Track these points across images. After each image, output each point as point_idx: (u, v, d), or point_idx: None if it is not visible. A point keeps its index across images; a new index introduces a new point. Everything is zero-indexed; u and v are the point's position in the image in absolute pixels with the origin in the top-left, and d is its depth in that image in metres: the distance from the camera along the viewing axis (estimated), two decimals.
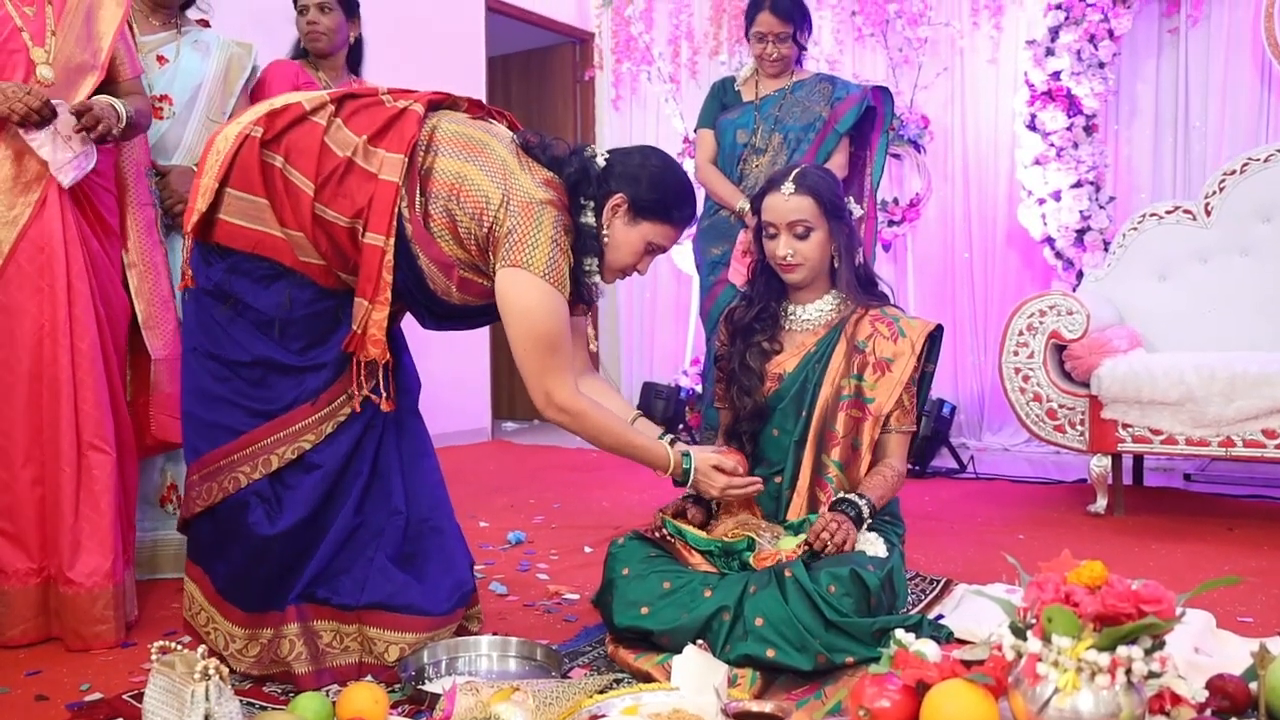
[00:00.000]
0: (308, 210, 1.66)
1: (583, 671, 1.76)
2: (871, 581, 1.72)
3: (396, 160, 1.66)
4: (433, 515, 1.85)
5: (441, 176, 1.69)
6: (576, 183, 1.75)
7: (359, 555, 1.76)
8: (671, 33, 5.19)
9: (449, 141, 1.72)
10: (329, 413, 1.74)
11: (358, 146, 1.68)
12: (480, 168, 1.69)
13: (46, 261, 1.95)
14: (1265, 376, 2.85)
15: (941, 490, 3.65)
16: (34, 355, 1.94)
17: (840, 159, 2.90)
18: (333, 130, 1.69)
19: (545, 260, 1.66)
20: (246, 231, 1.68)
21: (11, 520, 1.95)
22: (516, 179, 1.69)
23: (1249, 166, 3.48)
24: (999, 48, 4.40)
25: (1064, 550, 1.32)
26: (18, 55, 1.96)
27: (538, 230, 1.66)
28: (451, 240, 1.71)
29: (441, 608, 1.78)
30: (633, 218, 1.77)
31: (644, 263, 1.84)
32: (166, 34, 2.47)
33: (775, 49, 2.95)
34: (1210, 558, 2.59)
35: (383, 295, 1.66)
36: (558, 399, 1.73)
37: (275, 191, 1.67)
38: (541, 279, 1.66)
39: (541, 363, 1.71)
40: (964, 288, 4.57)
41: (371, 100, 1.75)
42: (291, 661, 1.70)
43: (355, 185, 1.67)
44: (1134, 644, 1.17)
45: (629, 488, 3.67)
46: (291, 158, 1.67)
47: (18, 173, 1.95)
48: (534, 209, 1.67)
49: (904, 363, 2.03)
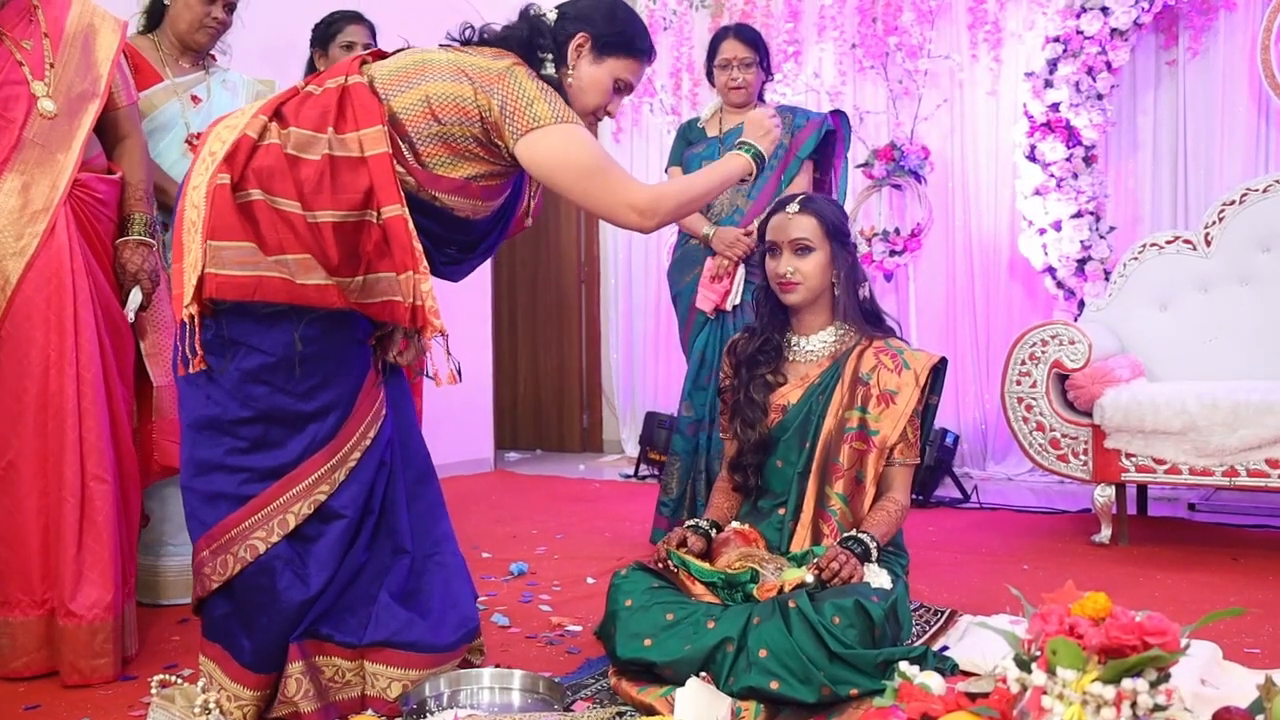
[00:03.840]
0: (304, 227, 1.60)
1: (585, 704, 1.75)
2: (876, 613, 1.71)
3: (376, 132, 1.61)
4: (437, 550, 1.84)
5: (408, 113, 1.65)
6: (528, 40, 1.74)
7: (364, 594, 1.73)
8: (673, 65, 5.24)
9: (393, 81, 1.68)
10: (341, 459, 1.69)
11: (329, 140, 1.61)
12: (435, 79, 1.67)
13: (54, 291, 1.97)
14: (1268, 405, 2.85)
15: (945, 520, 3.63)
16: (40, 385, 1.95)
17: (803, 181, 2.98)
18: (290, 140, 1.62)
19: (547, 108, 1.65)
20: (240, 280, 1.59)
21: (15, 551, 1.94)
22: (473, 64, 1.68)
23: (1248, 196, 3.50)
24: (998, 80, 4.44)
25: (1068, 581, 1.32)
26: (19, 89, 1.98)
27: (520, 89, 1.65)
28: (453, 161, 1.68)
29: (445, 644, 1.76)
30: (597, 55, 1.75)
31: (614, 103, 1.80)
32: (197, 74, 2.57)
33: (740, 75, 3.00)
34: (1216, 588, 2.58)
35: (424, 262, 1.63)
36: (639, 204, 1.70)
37: (264, 226, 1.60)
38: (554, 124, 1.65)
39: (605, 188, 1.69)
40: (966, 317, 4.58)
41: (301, 96, 1.69)
42: (299, 701, 1.64)
43: (347, 177, 1.61)
44: (1139, 676, 1.16)
45: (632, 519, 3.66)
46: (269, 186, 1.60)
47: (25, 204, 1.97)
48: (504, 76, 1.66)
49: (908, 395, 2.04)
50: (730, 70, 3.01)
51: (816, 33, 4.83)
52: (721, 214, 3.01)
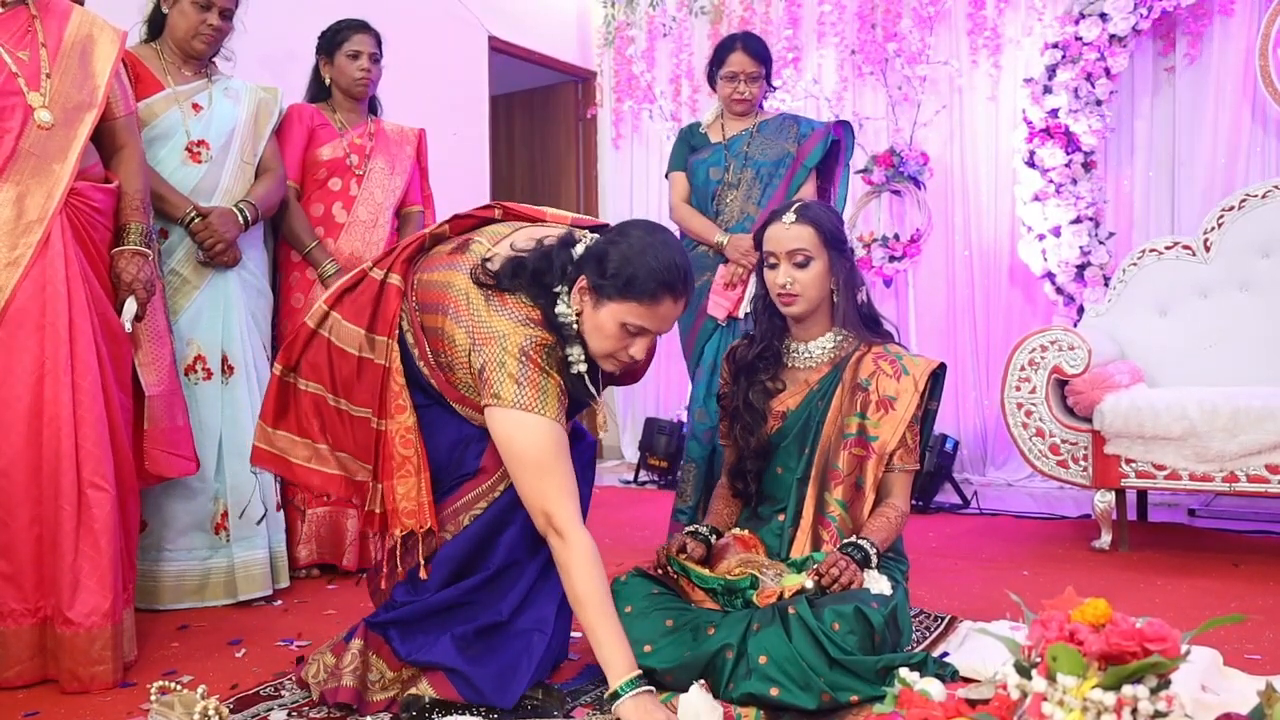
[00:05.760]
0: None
1: (585, 711, 1.75)
2: (876, 619, 1.71)
3: (381, 343, 1.78)
4: (533, 630, 1.82)
5: (433, 335, 1.76)
6: (540, 273, 1.70)
7: (437, 625, 1.78)
8: (672, 71, 5.25)
9: (423, 295, 1.78)
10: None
11: (360, 341, 1.80)
12: (451, 316, 1.73)
13: (49, 300, 1.97)
14: (1268, 411, 2.85)
15: (945, 526, 3.63)
16: (34, 393, 1.95)
17: (808, 190, 2.99)
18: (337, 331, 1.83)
19: (512, 390, 1.65)
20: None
21: (8, 560, 1.94)
22: (477, 314, 1.70)
23: (1247, 202, 3.51)
24: (998, 86, 4.45)
25: (1068, 587, 1.32)
26: (14, 100, 1.99)
27: (501, 363, 1.66)
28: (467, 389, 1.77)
29: (485, 692, 1.74)
30: (596, 299, 1.69)
31: (636, 346, 1.72)
32: (199, 83, 2.60)
33: (746, 89, 3.01)
34: (1216, 594, 2.58)
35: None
36: (557, 523, 1.65)
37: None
38: (512, 409, 1.65)
39: (534, 488, 1.67)
40: (965, 322, 4.58)
41: (357, 279, 1.85)
42: (344, 673, 1.75)
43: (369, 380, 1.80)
44: (1139, 683, 1.16)
45: (632, 525, 3.66)
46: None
47: (19, 214, 1.97)
48: (494, 340, 1.67)
49: (907, 400, 2.04)
50: (737, 83, 3.02)
51: (816, 39, 4.84)
52: (731, 220, 3.01)
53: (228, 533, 2.53)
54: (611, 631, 1.64)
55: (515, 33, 5.03)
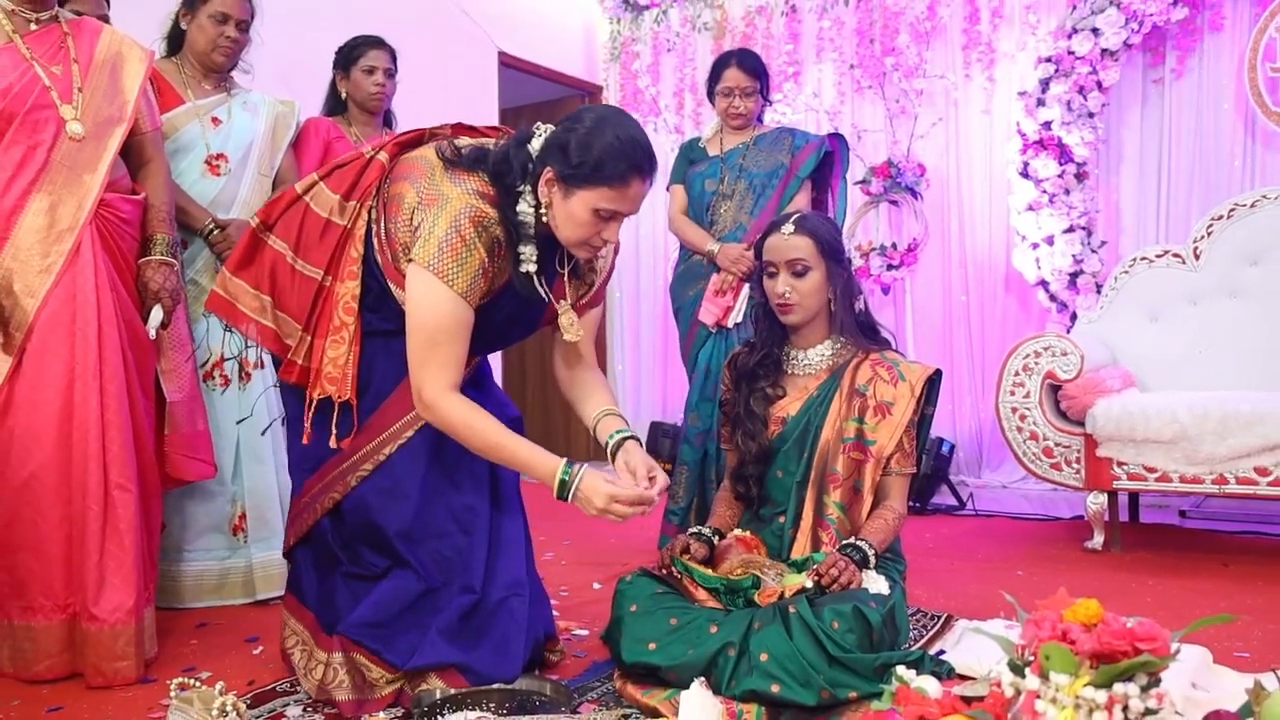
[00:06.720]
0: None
1: (592, 707, 1.78)
2: (874, 618, 1.75)
3: (350, 208, 1.81)
4: (511, 594, 1.85)
5: (393, 201, 1.76)
6: (500, 173, 1.70)
7: (417, 623, 1.79)
8: (677, 85, 5.30)
9: (398, 169, 1.79)
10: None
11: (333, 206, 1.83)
12: (410, 180, 1.74)
13: (79, 307, 2.02)
14: (1257, 415, 2.90)
15: (942, 527, 3.68)
16: (64, 397, 2.00)
17: (802, 201, 3.04)
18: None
19: (434, 252, 1.64)
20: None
21: (39, 558, 1.99)
22: (433, 178, 1.71)
23: (1236, 211, 3.57)
24: (992, 99, 4.50)
25: (1061, 587, 1.34)
26: (48, 113, 2.05)
27: (434, 224, 1.66)
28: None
29: (489, 675, 1.77)
30: (565, 189, 1.68)
31: (608, 229, 1.73)
32: (218, 96, 2.64)
33: (742, 103, 3.08)
34: (1206, 593, 2.62)
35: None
36: (425, 395, 1.67)
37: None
38: (425, 270, 1.65)
39: (417, 355, 1.68)
40: (961, 329, 4.64)
41: (353, 158, 1.88)
42: (333, 690, 1.76)
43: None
44: (1130, 681, 1.18)
45: (637, 526, 3.68)
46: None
47: (51, 223, 2.03)
48: (437, 202, 1.68)
49: (904, 405, 2.08)
50: (732, 98, 3.08)
51: (815, 54, 4.90)
52: (725, 230, 3.08)
53: (245, 534, 2.59)
54: (527, 449, 1.72)
55: (524, 48, 5.10)
